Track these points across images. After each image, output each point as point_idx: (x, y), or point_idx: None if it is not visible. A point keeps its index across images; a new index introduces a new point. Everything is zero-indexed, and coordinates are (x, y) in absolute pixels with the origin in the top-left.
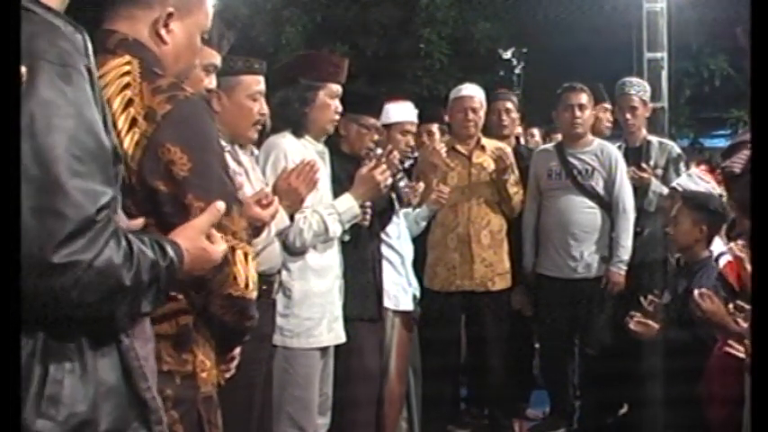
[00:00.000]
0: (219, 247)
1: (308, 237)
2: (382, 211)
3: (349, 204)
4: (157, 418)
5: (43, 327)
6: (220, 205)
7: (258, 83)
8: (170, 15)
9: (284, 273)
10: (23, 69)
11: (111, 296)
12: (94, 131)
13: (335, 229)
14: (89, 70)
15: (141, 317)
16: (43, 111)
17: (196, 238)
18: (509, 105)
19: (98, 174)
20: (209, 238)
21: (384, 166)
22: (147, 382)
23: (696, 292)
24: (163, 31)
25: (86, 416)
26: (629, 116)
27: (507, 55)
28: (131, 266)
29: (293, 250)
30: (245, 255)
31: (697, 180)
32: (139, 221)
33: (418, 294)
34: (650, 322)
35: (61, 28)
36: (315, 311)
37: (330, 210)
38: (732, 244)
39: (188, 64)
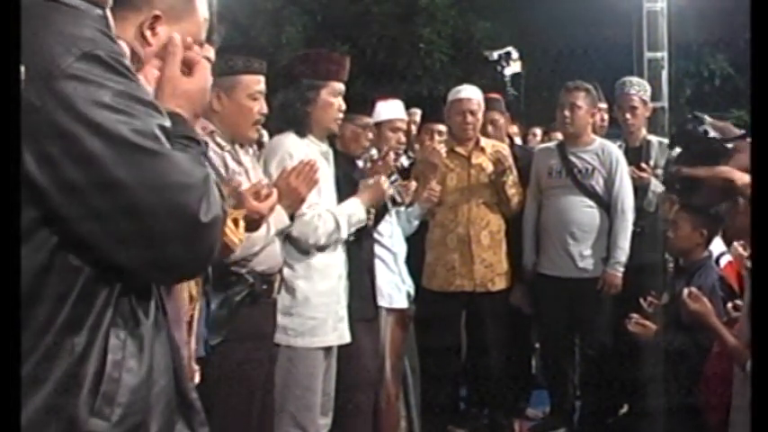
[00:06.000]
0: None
1: (322, 234)
2: (376, 211)
3: (357, 208)
4: (201, 420)
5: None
6: (176, 37)
7: (258, 82)
8: (156, 18)
9: (289, 272)
10: (23, 69)
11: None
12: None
13: (345, 231)
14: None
15: None
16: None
17: (177, 84)
18: (496, 116)
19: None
20: (188, 68)
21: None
22: (193, 383)
23: (685, 291)
24: (148, 33)
25: (141, 418)
26: (629, 116)
27: (494, 57)
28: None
29: (305, 248)
30: (235, 221)
31: None
32: None
33: (412, 292)
34: (648, 323)
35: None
36: (319, 311)
37: (341, 211)
38: (736, 243)
39: None
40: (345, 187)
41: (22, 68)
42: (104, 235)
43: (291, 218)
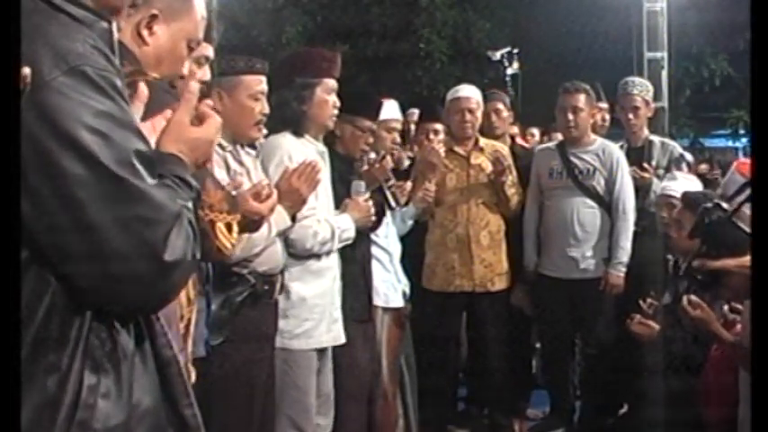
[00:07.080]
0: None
1: (319, 241)
2: (374, 215)
3: (349, 226)
4: None
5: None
6: (194, 86)
7: (260, 82)
8: (153, 17)
9: (285, 274)
10: (26, 70)
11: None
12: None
13: (336, 244)
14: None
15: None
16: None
17: (183, 131)
18: (499, 106)
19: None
20: (200, 120)
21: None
22: (189, 398)
23: (685, 299)
24: (144, 32)
25: None
26: (631, 116)
27: (497, 57)
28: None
29: (299, 252)
30: (228, 225)
31: (684, 182)
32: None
33: (408, 291)
34: (651, 323)
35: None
36: (314, 313)
37: (336, 224)
38: None
39: (171, 70)
40: (341, 188)
41: (28, 70)
42: (61, 255)
43: (293, 219)
